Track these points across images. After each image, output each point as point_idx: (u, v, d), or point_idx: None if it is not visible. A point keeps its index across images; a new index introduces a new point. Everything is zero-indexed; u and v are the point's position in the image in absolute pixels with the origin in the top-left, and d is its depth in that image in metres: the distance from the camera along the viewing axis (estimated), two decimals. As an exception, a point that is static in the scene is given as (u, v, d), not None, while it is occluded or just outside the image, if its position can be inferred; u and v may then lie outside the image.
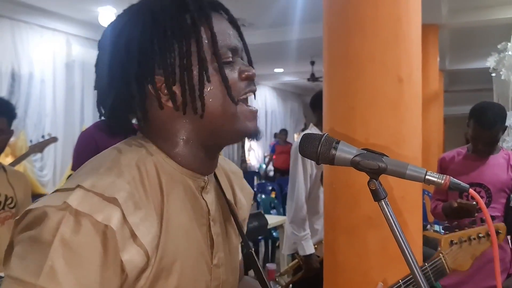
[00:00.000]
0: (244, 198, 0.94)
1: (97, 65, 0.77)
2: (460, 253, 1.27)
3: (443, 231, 1.34)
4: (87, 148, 2.43)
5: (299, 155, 2.57)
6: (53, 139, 3.30)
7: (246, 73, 0.75)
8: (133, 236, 0.64)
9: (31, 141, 4.96)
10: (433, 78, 6.43)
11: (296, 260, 2.73)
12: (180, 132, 0.74)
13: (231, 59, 0.75)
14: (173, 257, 0.69)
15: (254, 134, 0.77)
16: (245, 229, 0.97)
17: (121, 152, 0.71)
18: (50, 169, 5.90)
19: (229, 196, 0.89)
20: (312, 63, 8.79)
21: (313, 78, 9.15)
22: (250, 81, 0.77)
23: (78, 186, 0.63)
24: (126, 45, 0.71)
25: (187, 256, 0.72)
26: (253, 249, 0.89)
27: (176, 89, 0.71)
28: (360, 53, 1.73)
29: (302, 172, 2.61)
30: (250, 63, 0.80)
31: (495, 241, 0.74)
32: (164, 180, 0.71)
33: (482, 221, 2.09)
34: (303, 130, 11.02)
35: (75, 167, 2.57)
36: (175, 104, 0.71)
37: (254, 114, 0.77)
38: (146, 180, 0.69)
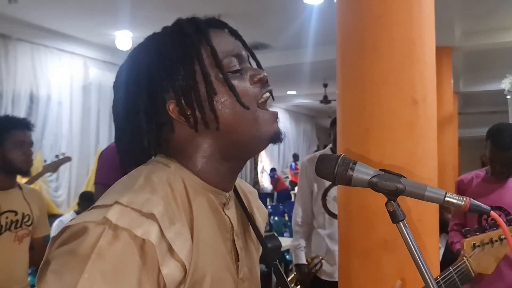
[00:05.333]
0: (260, 217, 0.94)
1: (113, 106, 0.80)
2: (484, 256, 1.24)
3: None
4: (116, 163, 2.40)
5: (304, 170, 2.71)
6: (67, 159, 3.34)
7: (257, 76, 0.76)
8: (171, 250, 0.64)
9: (45, 161, 5.02)
10: (447, 100, 6.38)
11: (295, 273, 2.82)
12: (201, 149, 0.75)
13: (238, 66, 0.76)
14: (203, 271, 0.70)
15: (276, 137, 0.76)
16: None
17: (150, 171, 0.73)
18: (64, 189, 5.96)
19: (250, 211, 0.89)
20: (325, 85, 8.82)
21: (326, 100, 9.17)
22: (263, 83, 0.77)
23: (116, 202, 0.64)
24: (136, 80, 0.75)
25: (216, 270, 0.73)
26: (277, 261, 0.88)
27: (188, 109, 0.73)
28: (374, 75, 1.73)
29: (301, 188, 2.76)
30: (259, 67, 0.81)
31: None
32: (192, 196, 0.73)
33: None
34: (316, 152, 10.99)
35: (102, 179, 2.50)
36: (190, 124, 0.73)
37: (274, 116, 0.77)
38: (178, 196, 0.71)
